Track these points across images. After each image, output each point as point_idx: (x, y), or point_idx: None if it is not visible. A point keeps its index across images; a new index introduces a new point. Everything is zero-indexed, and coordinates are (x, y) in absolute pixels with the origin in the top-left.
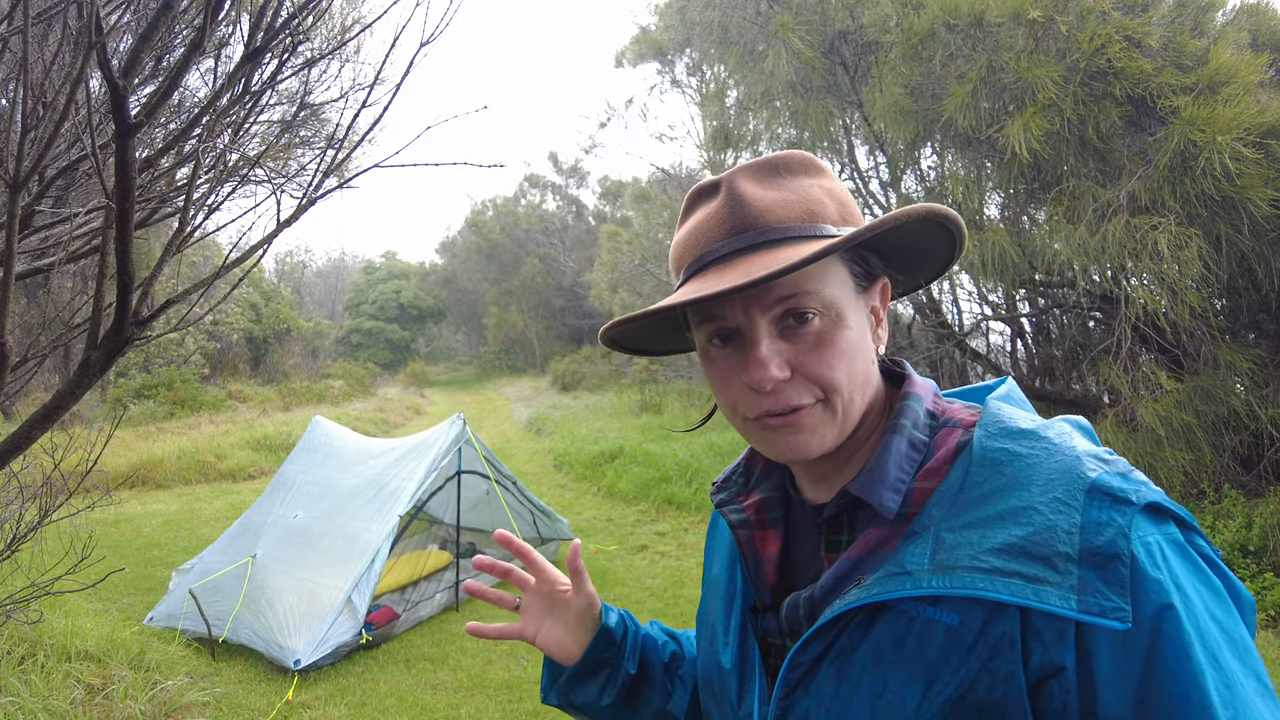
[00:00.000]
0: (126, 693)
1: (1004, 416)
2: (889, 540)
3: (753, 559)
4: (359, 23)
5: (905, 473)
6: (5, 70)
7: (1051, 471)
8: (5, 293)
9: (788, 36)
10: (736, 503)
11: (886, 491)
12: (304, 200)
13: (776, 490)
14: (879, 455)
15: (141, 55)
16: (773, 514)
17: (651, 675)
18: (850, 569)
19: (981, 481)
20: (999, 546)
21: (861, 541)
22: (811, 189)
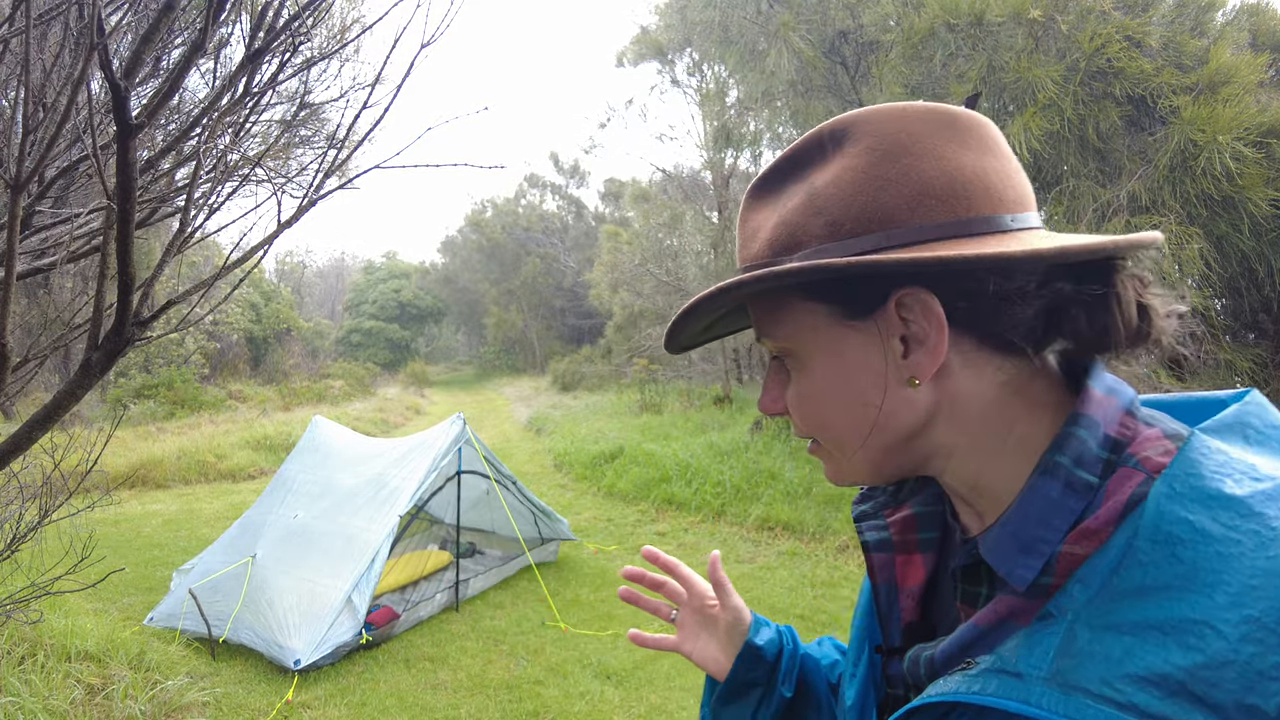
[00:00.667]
0: (126, 693)
1: (1206, 468)
2: (1025, 612)
3: (887, 589)
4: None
5: (1054, 530)
6: (6, 71)
7: (1256, 574)
8: (6, 293)
9: (789, 35)
10: (880, 517)
11: (1021, 556)
12: (304, 201)
13: (933, 504)
14: (1020, 505)
15: (143, 56)
16: (924, 534)
17: (815, 699)
18: (975, 638)
19: (1146, 564)
20: (1146, 674)
21: (992, 609)
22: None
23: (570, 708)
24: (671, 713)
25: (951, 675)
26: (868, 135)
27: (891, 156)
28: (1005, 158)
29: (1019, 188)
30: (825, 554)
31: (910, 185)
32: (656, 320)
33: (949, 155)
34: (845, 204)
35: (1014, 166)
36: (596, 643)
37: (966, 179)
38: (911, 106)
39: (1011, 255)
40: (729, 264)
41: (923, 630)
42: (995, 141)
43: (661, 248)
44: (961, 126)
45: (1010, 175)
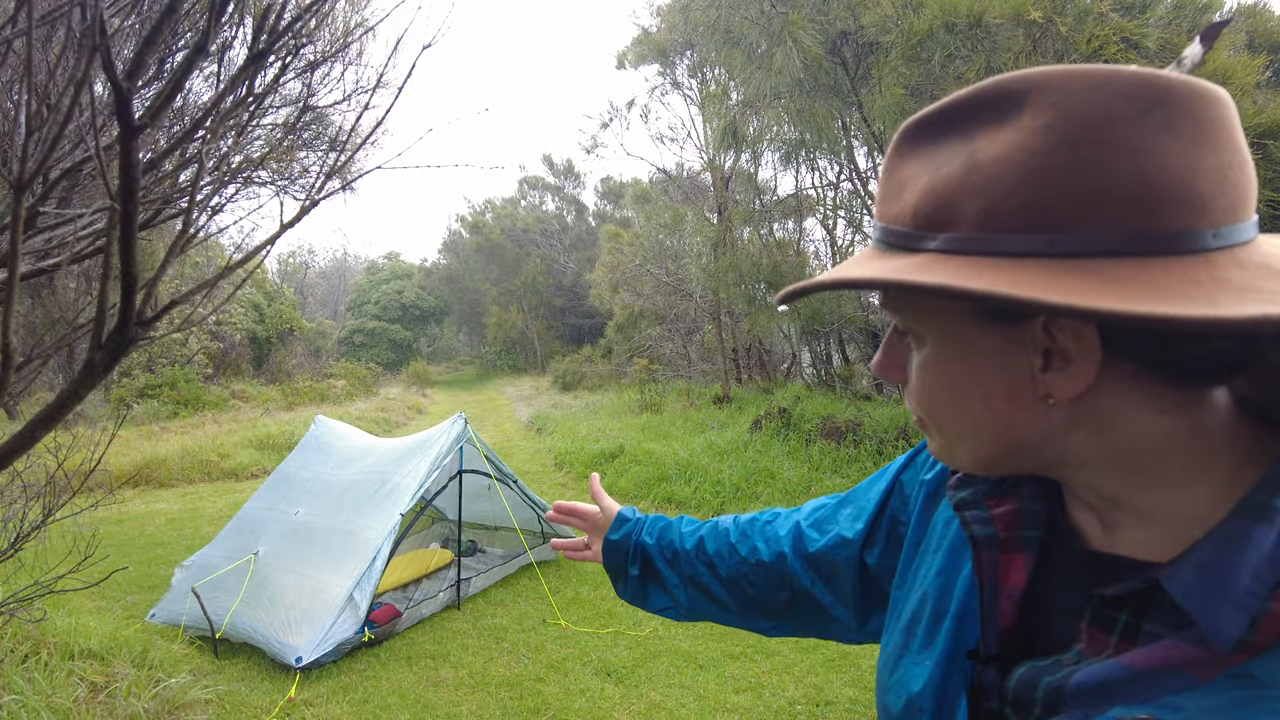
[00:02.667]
0: (129, 690)
1: None
2: (1199, 664)
3: (990, 589)
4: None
5: (1264, 583)
6: (9, 72)
7: None
8: (10, 293)
9: (797, 34)
10: (982, 506)
11: (1228, 612)
12: (307, 202)
13: (1039, 502)
14: (1224, 550)
15: (146, 58)
16: (1027, 532)
17: (659, 575)
18: (1125, 679)
19: None
20: None
21: (1160, 650)
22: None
23: (571, 705)
24: (671, 710)
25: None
26: (1053, 107)
27: (1075, 141)
28: (1228, 148)
29: (1236, 190)
30: None
31: (1090, 182)
32: (656, 320)
33: (1150, 147)
34: (1008, 191)
35: (1237, 159)
36: (597, 640)
37: (1166, 181)
38: (1116, 75)
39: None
40: (730, 264)
41: (1017, 637)
42: (1217, 126)
43: (662, 248)
44: (1176, 106)
45: (1228, 174)
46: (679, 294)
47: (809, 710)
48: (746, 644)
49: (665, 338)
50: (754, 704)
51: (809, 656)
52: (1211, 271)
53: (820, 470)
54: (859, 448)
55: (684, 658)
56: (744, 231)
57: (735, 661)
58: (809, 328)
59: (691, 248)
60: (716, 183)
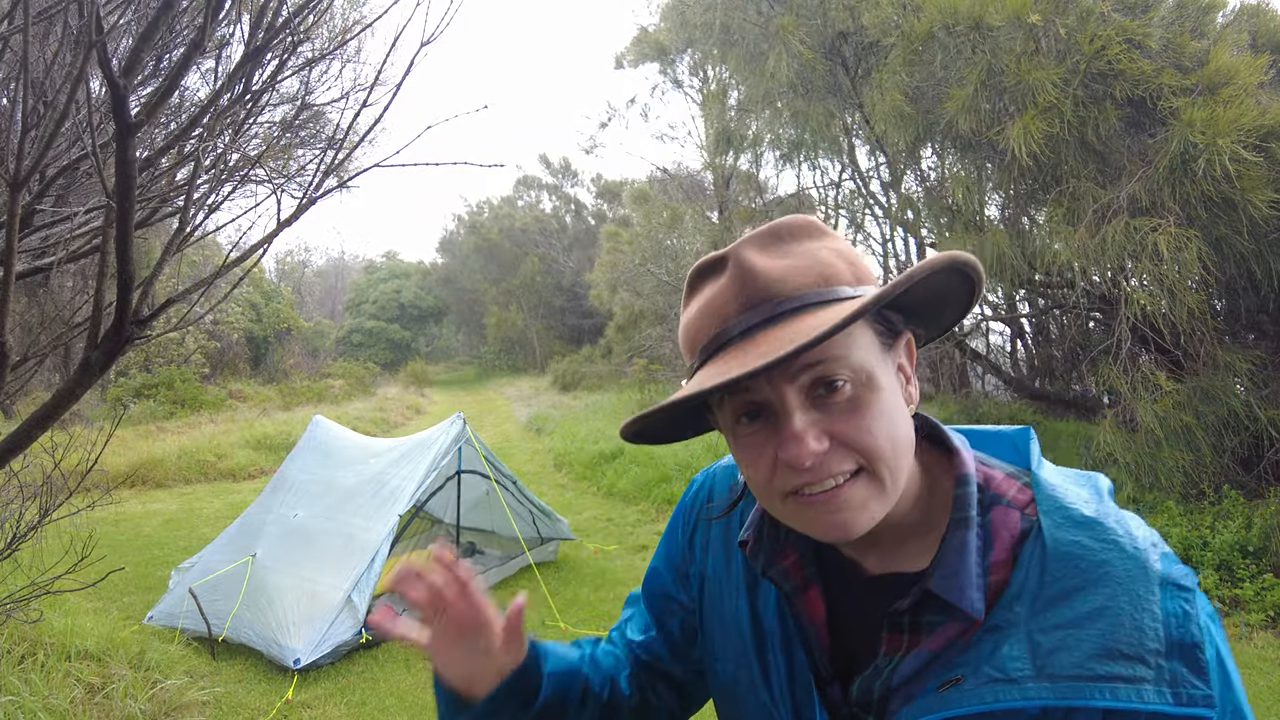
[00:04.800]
0: (126, 692)
1: (1064, 501)
2: (964, 632)
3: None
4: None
5: (976, 565)
6: (6, 69)
7: (1127, 567)
8: (6, 292)
9: (788, 38)
10: (777, 565)
11: (974, 594)
12: (304, 200)
13: (808, 542)
14: (958, 554)
15: (142, 55)
16: (809, 569)
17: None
18: (930, 661)
19: (1060, 577)
20: (1098, 650)
21: (941, 634)
22: (820, 252)
23: None
24: None
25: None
26: (831, 238)
27: (846, 253)
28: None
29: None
30: None
31: (860, 268)
32: (656, 320)
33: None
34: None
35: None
36: None
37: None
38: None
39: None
40: None
41: (835, 655)
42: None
43: (661, 248)
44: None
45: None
46: (679, 294)
47: None
48: None
49: (665, 338)
50: None
51: None
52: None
53: None
54: None
55: None
56: (744, 231)
57: None
58: None
59: (692, 247)
60: (717, 182)
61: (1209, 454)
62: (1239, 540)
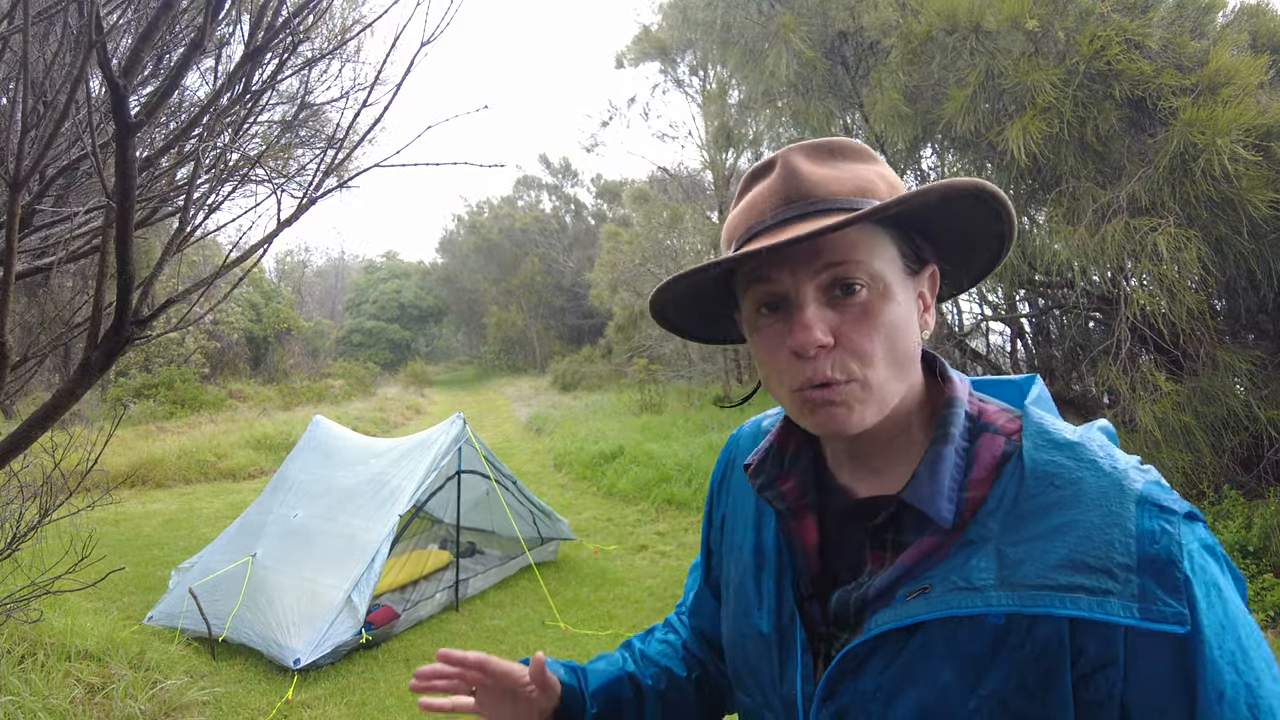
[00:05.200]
0: (126, 692)
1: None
2: (941, 547)
3: (797, 547)
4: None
5: (956, 482)
6: (6, 69)
7: (1101, 484)
8: (5, 292)
9: (789, 36)
10: (775, 487)
11: (943, 503)
12: (304, 200)
13: (810, 472)
14: (932, 466)
15: (142, 54)
16: (808, 498)
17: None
18: (904, 574)
19: (1035, 494)
20: (1062, 561)
21: (916, 548)
22: (863, 170)
23: None
24: None
25: (909, 603)
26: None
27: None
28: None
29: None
30: None
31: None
32: None
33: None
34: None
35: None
36: (596, 642)
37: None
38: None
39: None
40: None
41: (824, 577)
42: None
43: (661, 248)
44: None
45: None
46: None
47: None
48: None
49: (665, 338)
50: None
51: None
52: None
53: None
54: None
55: None
56: None
57: None
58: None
59: (692, 247)
60: (716, 181)
61: (1208, 454)
62: (1239, 540)
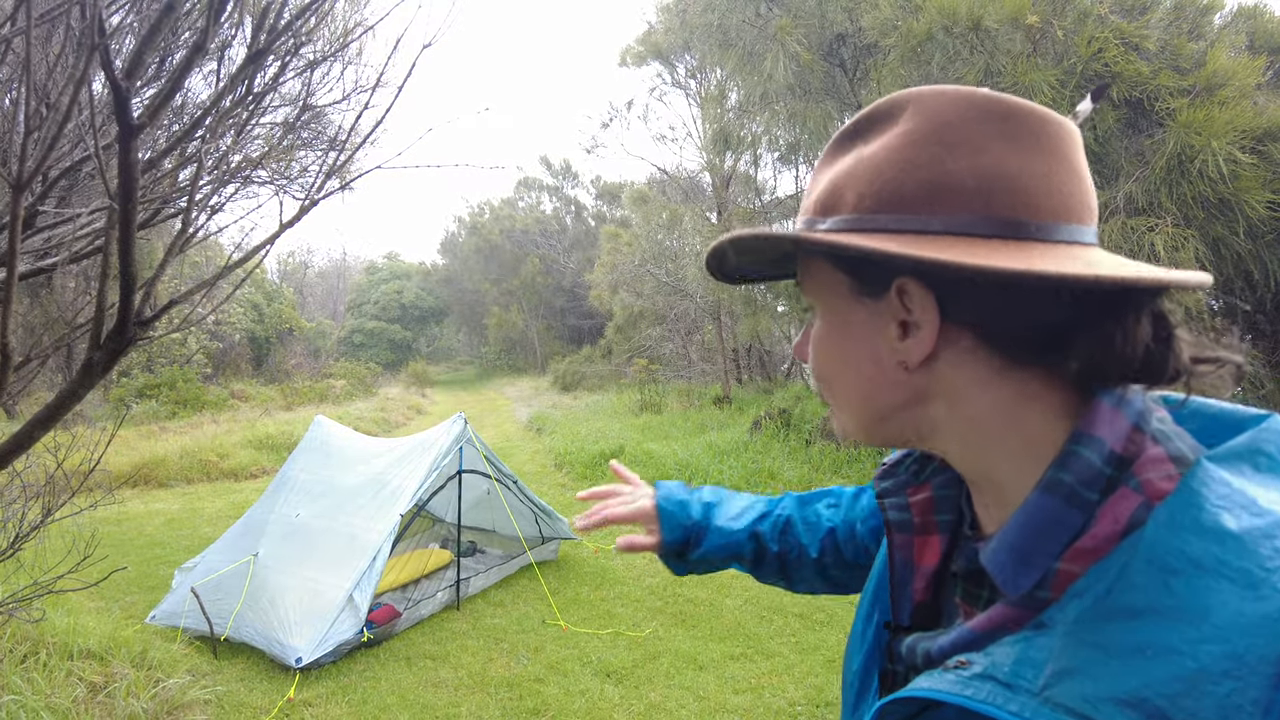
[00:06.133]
0: (128, 691)
1: (1208, 500)
2: (1018, 621)
3: (904, 568)
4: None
5: (1053, 545)
6: (8, 71)
7: (1244, 611)
8: (9, 293)
9: (785, 39)
10: (901, 494)
11: (1019, 568)
12: (306, 201)
13: (952, 488)
14: (1021, 520)
15: (145, 56)
16: (942, 516)
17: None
18: (970, 641)
19: (1137, 588)
20: (1128, 697)
21: (987, 617)
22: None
23: (570, 705)
24: (671, 711)
25: (945, 672)
26: (917, 115)
27: (925, 141)
28: (1062, 162)
29: (1065, 196)
30: None
31: (932, 174)
32: (656, 320)
33: (988, 150)
34: (871, 180)
35: (1071, 173)
36: (597, 641)
37: (996, 176)
38: (972, 94)
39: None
40: None
41: (930, 611)
42: (1055, 144)
43: (661, 249)
44: (1017, 122)
45: (1057, 181)
46: (679, 294)
47: (809, 711)
48: (747, 645)
49: (665, 338)
50: (754, 705)
51: (809, 658)
52: (1025, 249)
53: (821, 471)
54: (859, 448)
55: (684, 658)
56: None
57: (735, 662)
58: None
59: (691, 248)
60: (715, 183)
61: None
62: None
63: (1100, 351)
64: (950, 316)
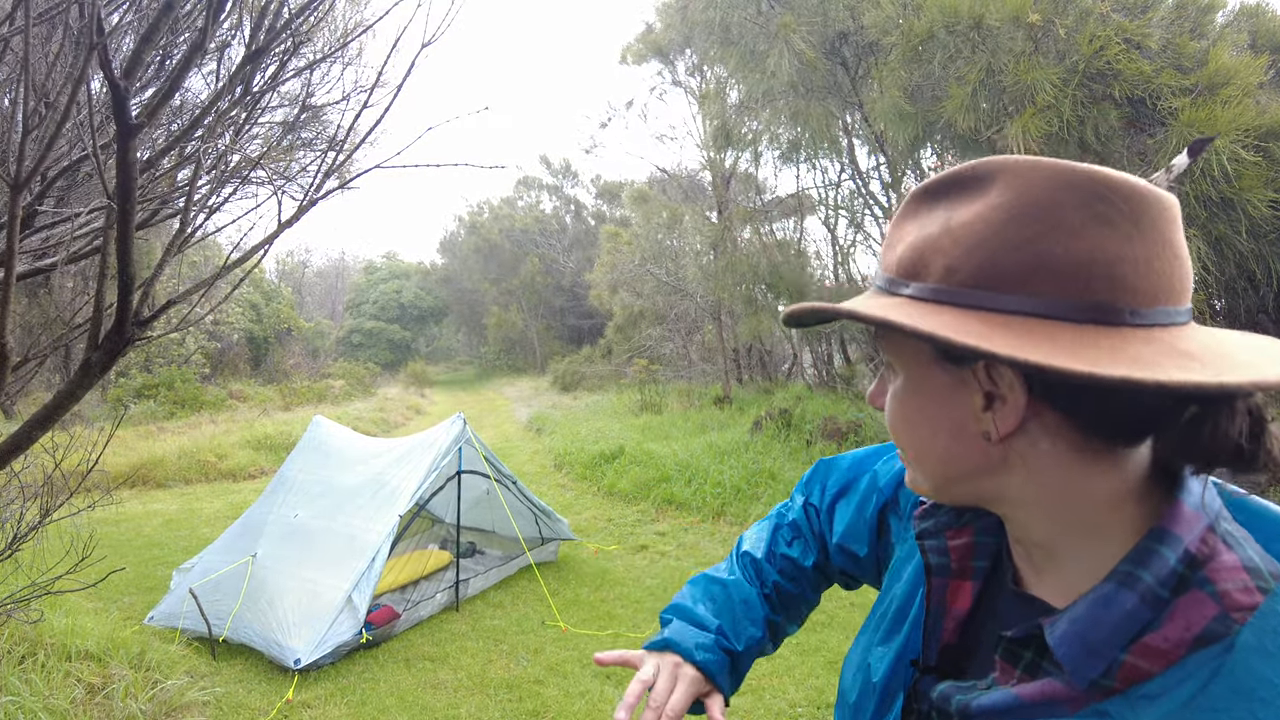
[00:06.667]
0: (127, 692)
1: None
2: (1073, 700)
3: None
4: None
5: (1122, 637)
6: (7, 70)
7: None
8: (6, 293)
9: (789, 36)
10: (941, 537)
11: (1087, 657)
12: (305, 201)
13: (990, 535)
14: (1093, 609)
15: (143, 56)
16: (979, 562)
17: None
18: (1015, 707)
19: (1222, 710)
20: None
21: (1040, 688)
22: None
23: (570, 707)
24: None
25: None
26: (1010, 189)
27: (1024, 220)
28: (1160, 243)
29: (1159, 278)
30: None
31: (1030, 255)
32: (656, 320)
33: (1085, 233)
34: (966, 253)
35: (1169, 254)
36: (596, 642)
37: (1093, 261)
38: (1071, 171)
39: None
40: (728, 264)
41: (957, 653)
42: (1153, 225)
43: (661, 248)
44: (1115, 202)
45: (1156, 264)
46: (679, 294)
47: (810, 713)
48: None
49: (665, 338)
50: (754, 706)
51: (810, 659)
52: (1116, 341)
53: None
54: (859, 448)
55: None
56: (744, 231)
57: None
58: (810, 329)
59: (691, 247)
60: (716, 182)
61: None
62: None
63: (1189, 443)
64: (1037, 395)
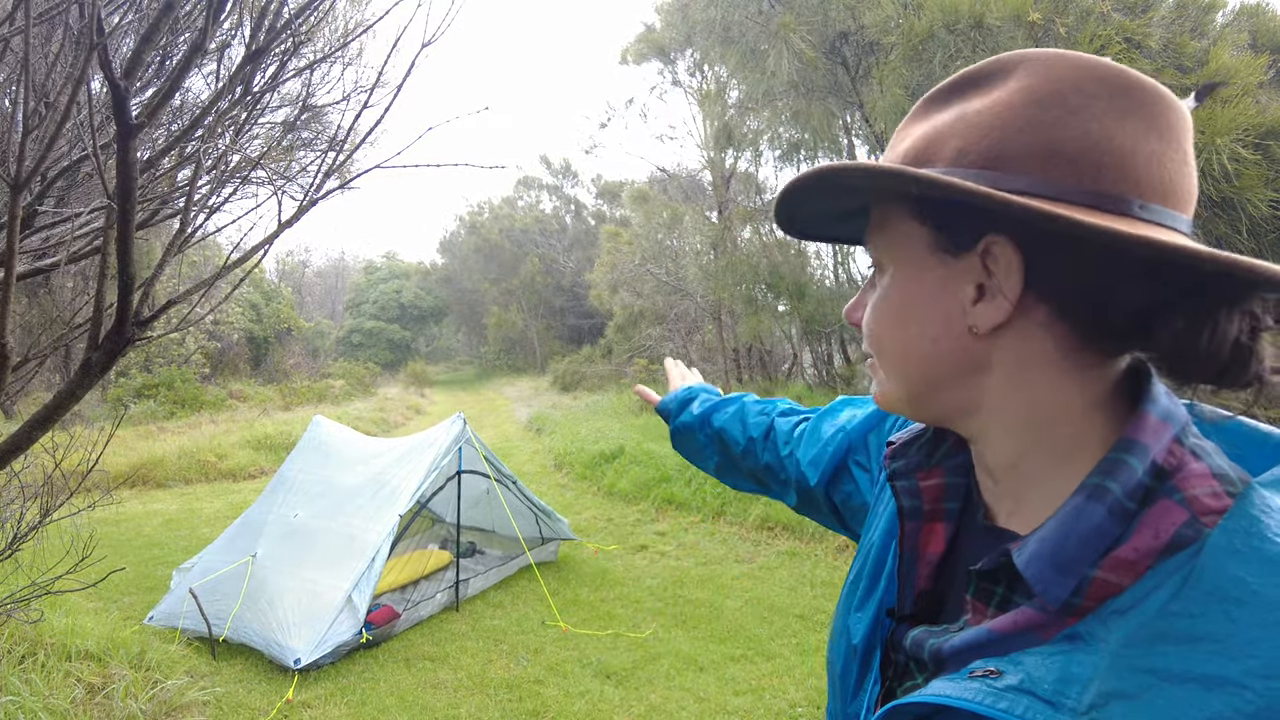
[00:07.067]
0: (127, 692)
1: (1268, 529)
2: (1045, 626)
3: (910, 558)
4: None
5: (1091, 553)
6: (7, 70)
7: None
8: (7, 293)
9: (789, 36)
10: (912, 478)
11: (1057, 576)
12: (305, 201)
13: (960, 476)
14: (1061, 525)
15: (143, 56)
16: (950, 504)
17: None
18: (988, 642)
19: (1196, 614)
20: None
21: (1012, 619)
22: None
23: (570, 707)
24: (671, 712)
25: (971, 680)
26: (1033, 75)
27: (1043, 104)
28: (1174, 146)
29: (1170, 179)
30: (824, 554)
31: (1043, 136)
32: (656, 320)
33: (1103, 122)
34: (980, 136)
35: (1181, 159)
36: (596, 642)
37: (1108, 149)
38: (1095, 63)
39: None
40: (728, 264)
41: (932, 598)
42: (1170, 127)
43: (661, 248)
44: (1138, 99)
45: (1168, 164)
46: (679, 294)
47: (810, 713)
48: (747, 646)
49: (665, 338)
50: (754, 706)
51: (810, 659)
52: (1128, 224)
53: None
54: None
55: (684, 660)
56: (744, 231)
57: (736, 664)
58: (810, 328)
59: (691, 247)
60: (716, 181)
61: None
62: None
63: (1186, 344)
64: (1033, 285)
